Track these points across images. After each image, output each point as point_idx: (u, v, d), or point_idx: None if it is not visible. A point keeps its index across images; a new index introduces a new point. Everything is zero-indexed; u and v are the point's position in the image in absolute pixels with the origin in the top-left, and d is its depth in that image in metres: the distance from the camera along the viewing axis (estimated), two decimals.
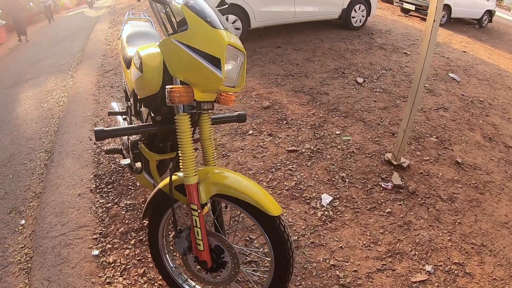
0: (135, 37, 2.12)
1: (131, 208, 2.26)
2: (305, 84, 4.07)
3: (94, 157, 2.90)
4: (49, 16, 14.00)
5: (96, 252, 1.96)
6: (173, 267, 1.57)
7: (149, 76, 1.38)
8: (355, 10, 6.12)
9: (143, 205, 1.70)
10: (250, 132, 3.08)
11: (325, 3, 5.81)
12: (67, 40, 8.43)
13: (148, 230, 1.52)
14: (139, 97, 1.54)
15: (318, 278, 1.76)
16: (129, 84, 1.81)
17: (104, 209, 2.29)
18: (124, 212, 2.24)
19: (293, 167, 2.62)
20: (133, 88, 1.65)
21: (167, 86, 1.13)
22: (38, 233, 2.14)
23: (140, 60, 1.41)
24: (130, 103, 2.01)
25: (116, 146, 2.26)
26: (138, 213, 2.21)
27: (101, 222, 2.18)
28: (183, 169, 1.24)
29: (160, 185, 1.36)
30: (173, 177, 1.28)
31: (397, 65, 4.83)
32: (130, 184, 2.50)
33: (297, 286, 1.71)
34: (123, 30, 2.28)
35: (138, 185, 2.47)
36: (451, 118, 3.53)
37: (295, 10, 5.46)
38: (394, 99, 3.83)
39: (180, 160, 1.25)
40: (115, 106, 2.54)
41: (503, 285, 1.78)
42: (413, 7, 8.70)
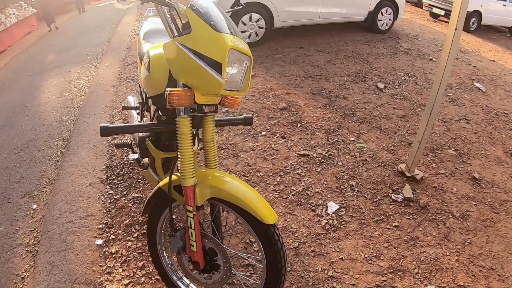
0: (153, 34, 2.14)
1: (138, 202, 2.30)
2: (324, 87, 4.00)
3: (108, 148, 2.97)
4: (80, 7, 14.46)
5: (100, 242, 2.01)
6: (169, 264, 1.59)
7: (156, 76, 1.39)
8: (382, 13, 5.96)
9: (144, 200, 1.72)
10: (263, 133, 3.06)
11: (351, 5, 5.68)
12: (95, 31, 8.68)
13: (147, 226, 1.55)
14: (147, 95, 1.56)
15: None
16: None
17: (112, 200, 2.34)
18: (131, 205, 2.28)
19: (303, 172, 2.58)
20: None
21: (167, 89, 1.14)
22: (48, 219, 2.22)
23: (149, 60, 1.42)
24: (142, 99, 2.04)
25: (126, 141, 2.31)
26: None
27: (108, 213, 2.24)
28: (181, 171, 1.24)
29: (161, 184, 1.37)
30: (173, 177, 1.29)
31: (421, 72, 4.66)
32: (140, 178, 2.54)
33: None
34: (142, 27, 2.30)
35: (146, 180, 2.51)
36: (473, 130, 3.38)
37: (320, 11, 5.37)
38: (415, 107, 3.70)
39: (179, 162, 1.25)
40: (131, 100, 2.59)
41: None
42: (443, 12, 8.41)
